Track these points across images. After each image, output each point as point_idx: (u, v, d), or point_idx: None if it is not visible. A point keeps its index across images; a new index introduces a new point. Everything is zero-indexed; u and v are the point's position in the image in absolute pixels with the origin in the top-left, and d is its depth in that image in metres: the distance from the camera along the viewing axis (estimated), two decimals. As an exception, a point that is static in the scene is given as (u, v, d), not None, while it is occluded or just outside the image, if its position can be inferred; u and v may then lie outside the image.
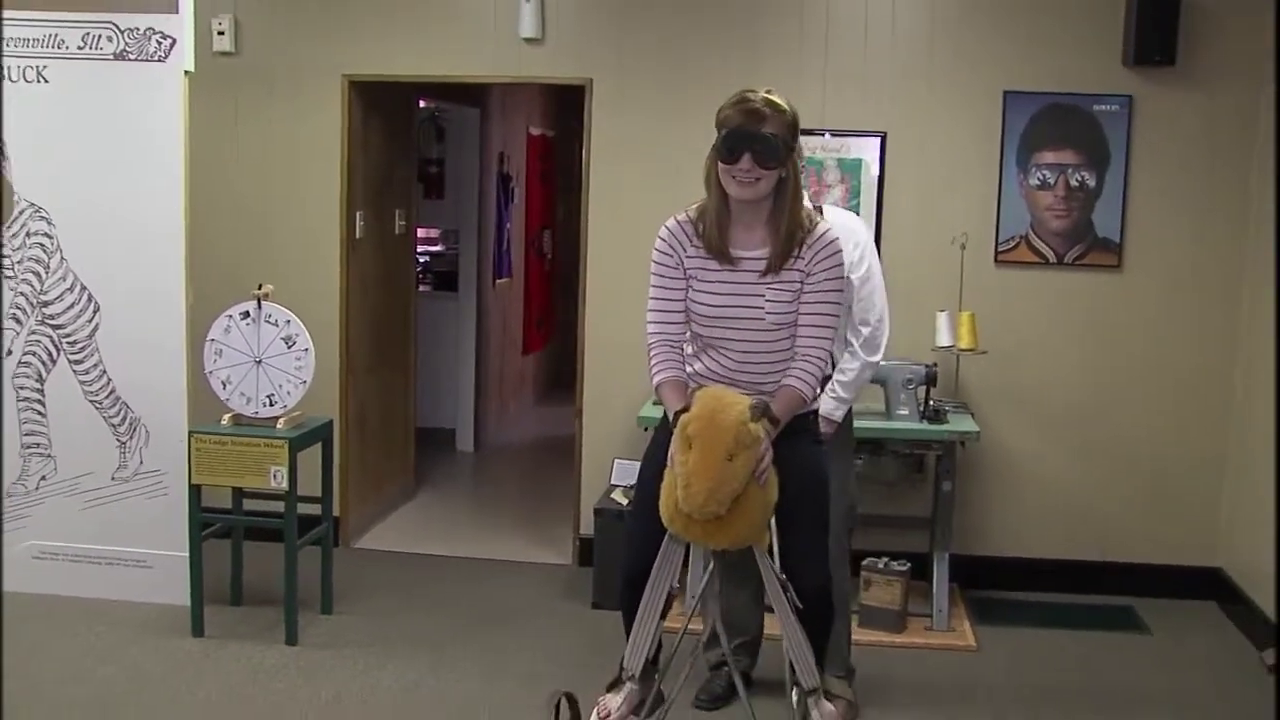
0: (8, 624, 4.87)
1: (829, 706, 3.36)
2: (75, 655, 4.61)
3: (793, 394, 3.25)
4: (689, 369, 3.36)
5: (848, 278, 3.86)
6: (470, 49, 5.71)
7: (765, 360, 3.33)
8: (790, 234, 3.25)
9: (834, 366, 4.07)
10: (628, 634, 3.37)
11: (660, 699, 3.41)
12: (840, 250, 3.31)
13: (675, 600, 3.40)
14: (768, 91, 3.27)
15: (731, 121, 3.22)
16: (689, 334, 3.39)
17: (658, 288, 3.36)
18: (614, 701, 3.34)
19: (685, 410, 3.05)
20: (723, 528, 3.02)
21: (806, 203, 3.37)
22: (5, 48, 4.96)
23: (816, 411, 3.57)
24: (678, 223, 3.37)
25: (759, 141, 3.17)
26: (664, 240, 3.36)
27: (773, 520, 3.22)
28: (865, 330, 4.14)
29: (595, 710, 3.35)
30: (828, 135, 5.51)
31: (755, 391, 3.22)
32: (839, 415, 4.13)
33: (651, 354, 3.35)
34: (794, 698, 3.37)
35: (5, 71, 4.99)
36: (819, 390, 3.47)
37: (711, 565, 3.29)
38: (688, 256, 3.33)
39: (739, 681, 3.48)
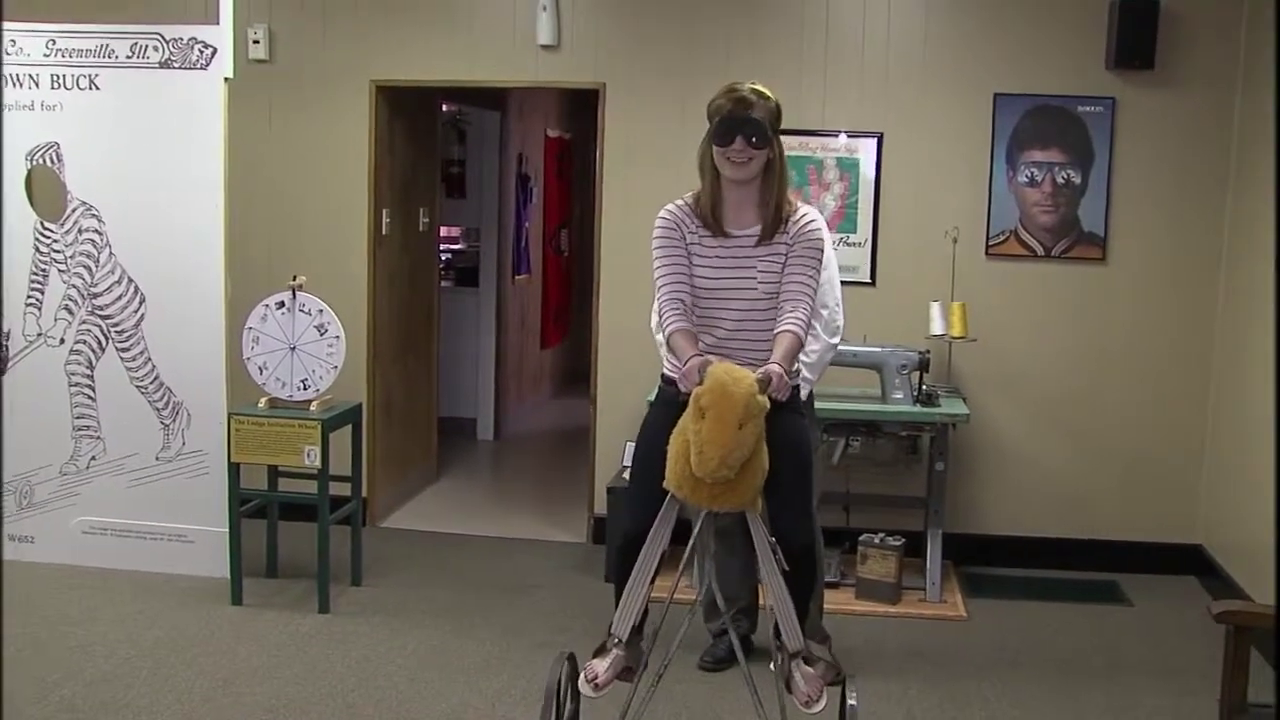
0: (61, 592, 5.25)
1: (809, 669, 3.52)
2: (125, 621, 4.96)
3: (790, 337, 3.45)
4: None
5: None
6: (491, 55, 6.04)
7: (756, 331, 3.57)
8: (778, 208, 3.56)
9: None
10: (617, 600, 3.56)
11: (646, 664, 3.56)
12: (820, 227, 3.62)
13: (662, 565, 3.52)
14: (753, 83, 3.58)
15: (724, 109, 3.52)
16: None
17: (664, 258, 3.60)
18: (600, 666, 3.51)
19: (700, 383, 3.22)
20: (729, 490, 3.24)
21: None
22: (62, 59, 5.31)
23: (799, 385, 3.78)
24: (676, 206, 3.66)
25: (749, 125, 3.49)
26: (665, 219, 3.64)
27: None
28: (824, 313, 4.40)
29: (582, 674, 3.52)
30: (843, 136, 5.82)
31: (747, 360, 3.44)
32: (803, 394, 4.23)
33: (663, 312, 3.56)
34: (777, 660, 3.55)
35: (60, 79, 5.35)
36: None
37: (704, 527, 3.45)
38: (688, 231, 3.60)
39: (737, 645, 3.61)
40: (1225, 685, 3.26)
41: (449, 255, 8.78)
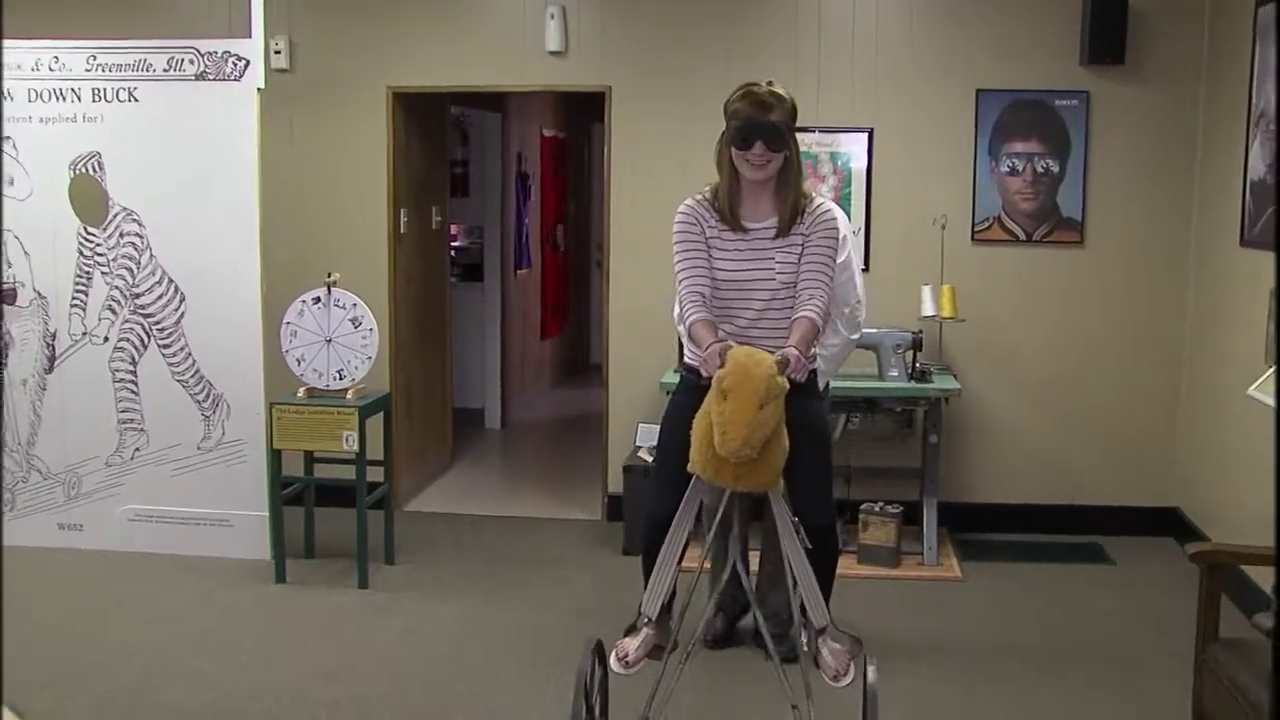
0: (113, 575, 5.58)
1: (837, 645, 3.58)
2: (176, 601, 5.29)
3: (807, 322, 3.54)
4: None
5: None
6: (501, 61, 6.37)
7: (775, 320, 3.66)
8: (795, 202, 3.66)
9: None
10: (646, 579, 3.65)
11: (674, 644, 3.61)
12: (835, 218, 3.73)
13: (688, 547, 3.61)
14: (769, 84, 3.67)
15: (742, 113, 3.60)
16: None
17: (685, 252, 3.69)
18: (631, 644, 3.60)
19: (721, 367, 3.29)
20: (752, 470, 3.30)
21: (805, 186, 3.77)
22: (103, 73, 5.63)
23: (816, 370, 3.86)
24: (695, 201, 3.75)
25: (769, 129, 3.57)
26: (685, 214, 3.73)
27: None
28: (847, 310, 4.45)
29: (614, 652, 3.60)
30: (834, 132, 6.18)
31: (766, 348, 3.45)
32: (820, 384, 4.26)
33: (684, 304, 3.64)
34: (804, 638, 3.62)
35: (101, 93, 5.67)
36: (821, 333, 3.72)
37: (728, 507, 3.52)
38: (708, 226, 3.70)
39: (757, 611, 3.64)
40: (1200, 618, 3.65)
41: (454, 252, 9.11)
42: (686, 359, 3.88)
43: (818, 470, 3.74)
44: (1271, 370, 4.27)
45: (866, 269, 6.18)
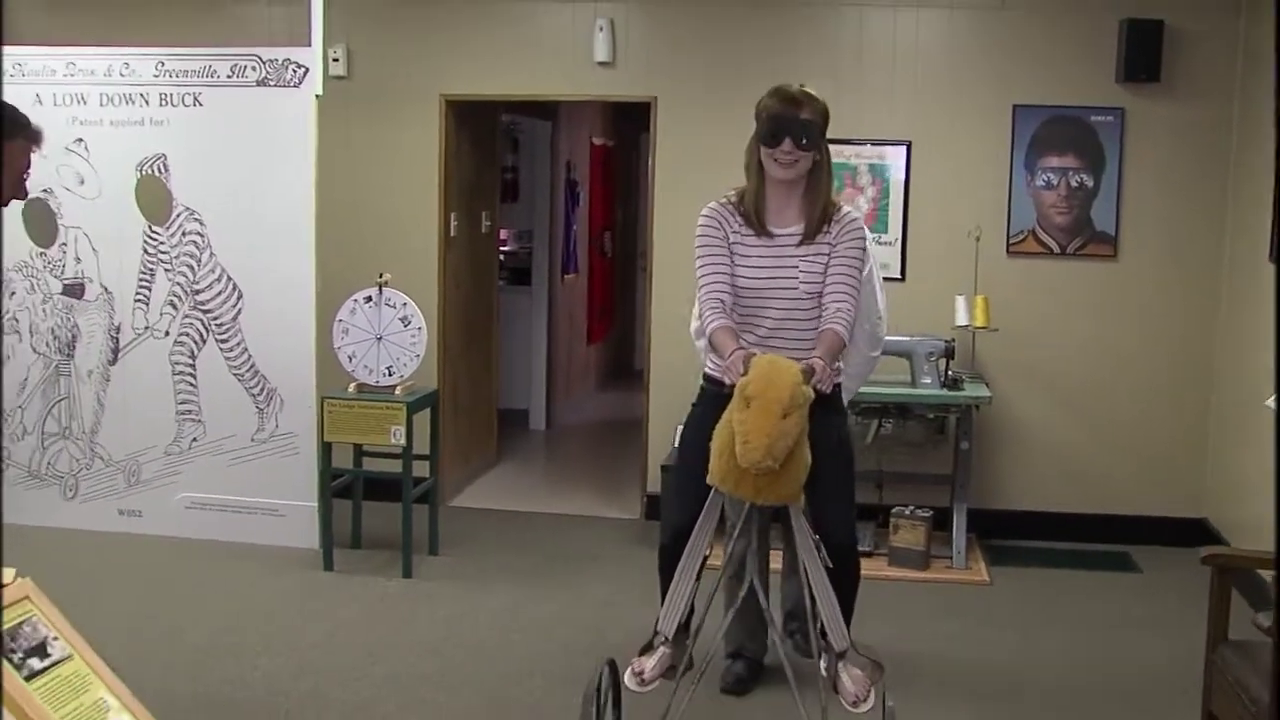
0: (170, 560, 5.82)
1: (857, 671, 3.50)
2: (232, 583, 5.53)
3: (834, 335, 3.46)
4: None
5: None
6: (551, 72, 6.58)
7: (797, 330, 3.61)
8: (824, 209, 3.59)
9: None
10: (663, 597, 3.57)
11: (690, 664, 3.53)
12: (862, 227, 3.68)
13: (705, 564, 3.52)
14: (801, 85, 3.63)
15: (772, 109, 3.54)
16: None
17: (706, 257, 3.63)
18: (648, 662, 3.53)
19: (744, 374, 3.21)
20: (773, 483, 3.21)
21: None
22: (169, 79, 5.89)
23: (840, 384, 3.67)
24: (719, 204, 3.69)
25: (798, 125, 3.50)
26: (709, 217, 3.67)
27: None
28: (868, 326, 4.29)
29: (629, 669, 3.54)
30: (874, 144, 6.34)
31: (788, 358, 3.35)
32: (844, 399, 4.17)
33: (704, 310, 3.57)
34: (823, 663, 3.53)
35: (168, 97, 5.92)
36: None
37: (747, 522, 3.45)
38: (731, 230, 3.63)
39: (776, 636, 3.67)
40: (1211, 620, 3.77)
41: (502, 256, 9.32)
42: (707, 369, 3.79)
43: (840, 486, 3.64)
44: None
45: (903, 278, 6.33)
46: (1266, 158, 5.60)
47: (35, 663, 1.63)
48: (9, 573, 1.75)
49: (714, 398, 3.49)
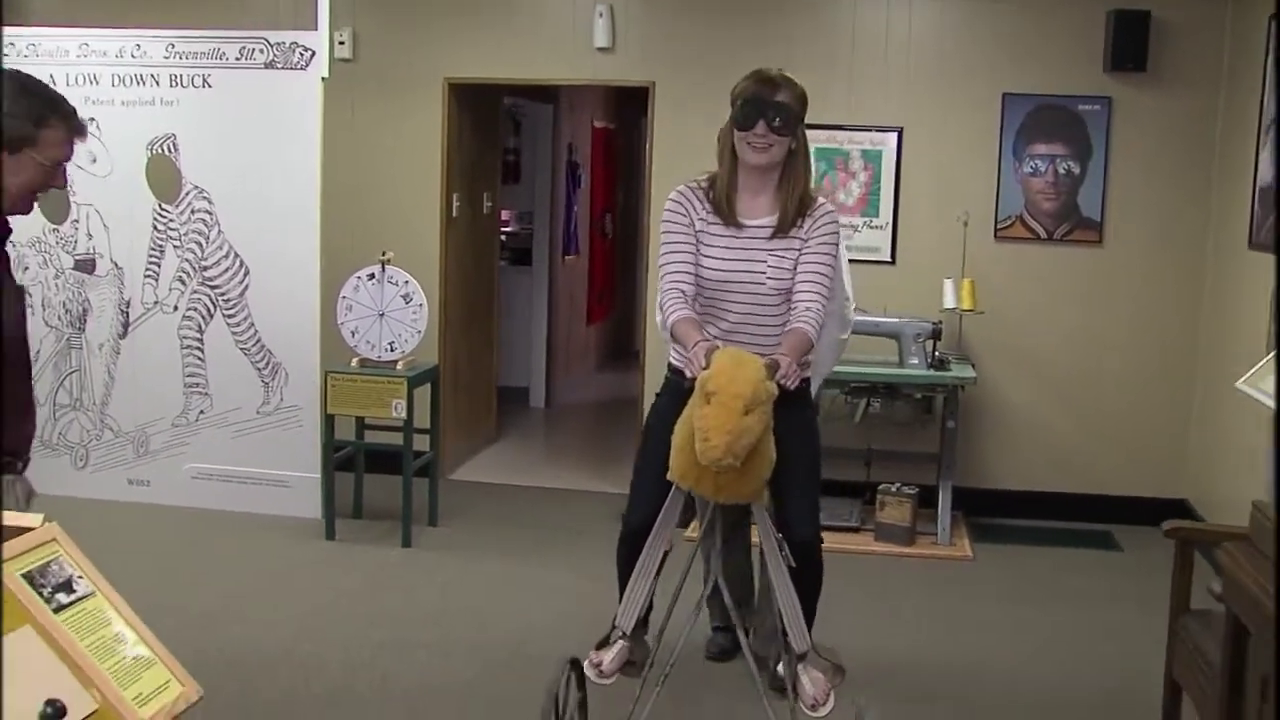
0: (178, 528, 6.00)
1: (818, 673, 3.42)
2: (238, 551, 5.70)
3: (802, 334, 3.30)
4: None
5: None
6: (551, 56, 6.73)
7: (761, 326, 3.47)
8: (800, 201, 3.42)
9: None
10: (621, 591, 3.48)
11: (646, 657, 3.47)
12: (836, 221, 3.51)
13: (666, 559, 3.42)
14: (780, 69, 3.47)
15: (748, 91, 3.38)
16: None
17: (670, 242, 3.47)
18: (606, 656, 3.46)
19: (706, 368, 3.07)
20: (735, 481, 3.09)
21: None
22: (180, 61, 6.04)
23: (808, 379, 3.57)
24: (688, 187, 3.52)
25: (773, 108, 3.34)
26: (675, 201, 3.50)
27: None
28: (834, 307, 4.01)
29: (588, 661, 3.47)
30: (866, 130, 6.49)
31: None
32: (813, 389, 4.11)
33: (665, 300, 3.41)
34: (782, 666, 3.46)
35: (178, 78, 6.07)
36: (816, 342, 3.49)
37: (711, 521, 3.31)
38: (698, 218, 3.46)
39: (743, 636, 3.50)
40: (1174, 591, 3.94)
41: (504, 236, 9.47)
42: (672, 358, 3.63)
43: (805, 481, 3.53)
44: (1261, 364, 4.53)
45: (893, 262, 6.48)
46: (1247, 147, 5.74)
47: (62, 597, 1.78)
48: (38, 517, 1.91)
49: (678, 389, 3.32)
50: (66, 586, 1.84)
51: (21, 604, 1.72)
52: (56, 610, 1.79)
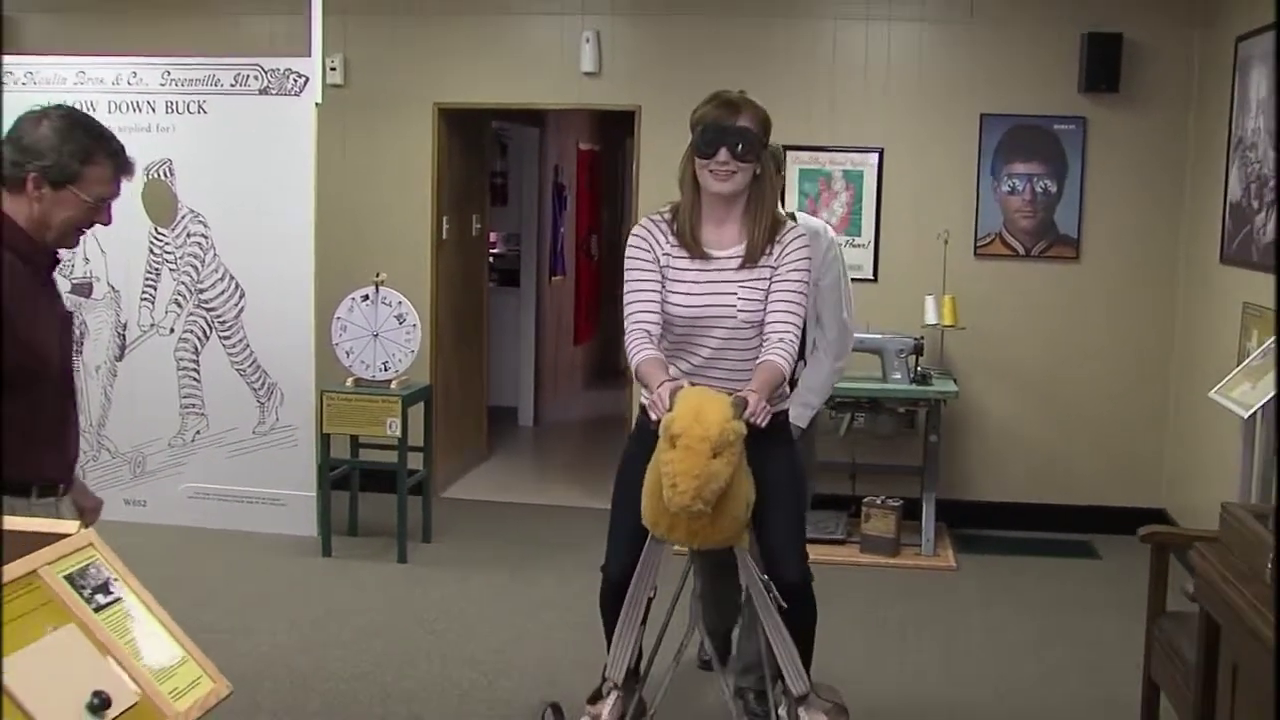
0: (176, 547, 6.09)
1: (821, 716, 3.29)
2: (236, 568, 5.81)
3: (773, 368, 3.14)
4: None
5: (816, 283, 3.89)
6: (539, 81, 6.87)
7: (734, 360, 3.30)
8: (769, 229, 3.26)
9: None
10: (609, 640, 3.37)
11: (642, 709, 3.37)
12: (807, 245, 3.32)
13: (651, 605, 3.32)
14: (741, 92, 3.29)
15: (707, 117, 3.21)
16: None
17: (634, 280, 3.30)
18: (603, 709, 3.32)
19: (670, 410, 2.94)
20: (709, 526, 2.99)
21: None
22: (175, 88, 6.15)
23: (787, 411, 3.53)
24: (651, 220, 3.36)
25: (735, 135, 3.16)
26: (639, 236, 3.33)
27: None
28: (830, 335, 4.12)
29: (585, 717, 3.36)
30: (847, 151, 6.64)
31: (724, 390, 3.11)
32: (805, 421, 4.06)
33: (629, 341, 3.25)
34: (781, 708, 3.36)
35: (173, 105, 6.19)
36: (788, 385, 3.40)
37: (692, 566, 3.28)
38: (663, 253, 3.29)
39: (724, 682, 3.47)
40: (1151, 594, 4.07)
41: (492, 258, 9.59)
42: (642, 399, 3.37)
43: (789, 522, 3.35)
44: (1233, 374, 4.69)
45: (875, 279, 6.63)
46: (1217, 165, 5.91)
47: (100, 598, 1.89)
48: (74, 524, 2.03)
49: (649, 431, 3.10)
50: (104, 588, 1.95)
51: (65, 604, 1.84)
52: (96, 610, 1.90)
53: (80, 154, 2.74)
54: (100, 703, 1.72)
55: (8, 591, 1.74)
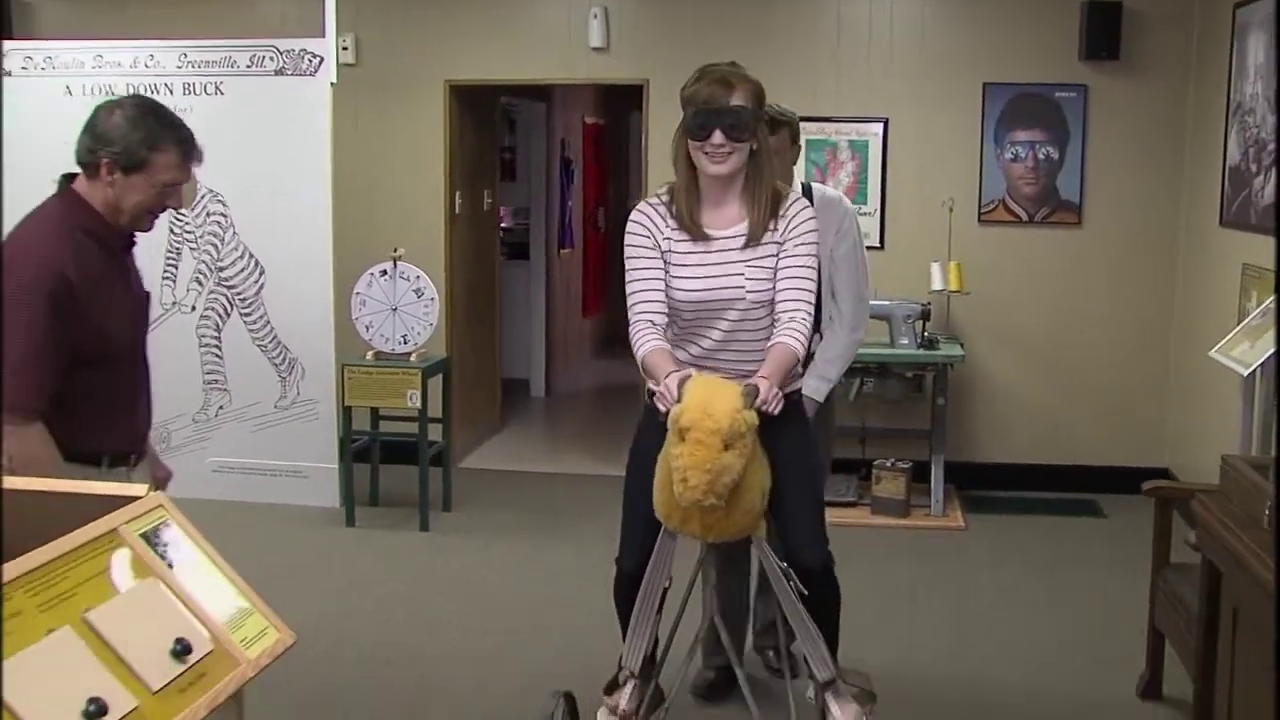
0: (200, 520, 6.19)
1: (849, 703, 3.19)
2: (262, 541, 5.94)
3: (786, 350, 3.03)
4: None
5: (830, 253, 3.90)
6: (548, 57, 6.98)
7: (746, 341, 3.20)
8: (770, 204, 3.14)
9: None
10: (624, 630, 3.31)
11: (660, 697, 3.33)
12: (813, 215, 3.20)
13: (667, 594, 3.24)
14: (731, 64, 3.16)
15: (700, 95, 3.07)
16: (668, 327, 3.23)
17: (636, 268, 3.18)
18: (621, 698, 3.26)
19: (679, 401, 2.84)
20: (723, 519, 2.92)
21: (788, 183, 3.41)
22: (192, 70, 6.26)
23: (800, 390, 3.46)
24: (649, 204, 3.23)
25: (729, 115, 3.03)
26: (637, 222, 3.21)
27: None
28: (846, 307, 4.06)
29: (602, 709, 3.31)
30: (853, 122, 6.75)
31: (736, 373, 3.07)
32: (822, 395, 4.01)
33: (634, 332, 3.15)
34: (810, 692, 3.29)
35: (191, 87, 6.30)
36: (801, 364, 3.30)
37: (707, 558, 3.19)
38: (663, 236, 3.17)
39: (741, 677, 3.28)
40: (1155, 546, 4.22)
41: (501, 232, 9.70)
42: (651, 384, 3.16)
43: (806, 507, 3.26)
44: (1233, 333, 4.81)
45: (881, 247, 6.74)
46: (1216, 130, 6.02)
47: (173, 555, 2.05)
48: (144, 487, 2.16)
49: (657, 422, 2.97)
50: (176, 545, 2.10)
51: (144, 560, 1.98)
52: (170, 566, 2.04)
53: (148, 141, 2.87)
54: (182, 649, 1.86)
55: (91, 547, 1.88)
